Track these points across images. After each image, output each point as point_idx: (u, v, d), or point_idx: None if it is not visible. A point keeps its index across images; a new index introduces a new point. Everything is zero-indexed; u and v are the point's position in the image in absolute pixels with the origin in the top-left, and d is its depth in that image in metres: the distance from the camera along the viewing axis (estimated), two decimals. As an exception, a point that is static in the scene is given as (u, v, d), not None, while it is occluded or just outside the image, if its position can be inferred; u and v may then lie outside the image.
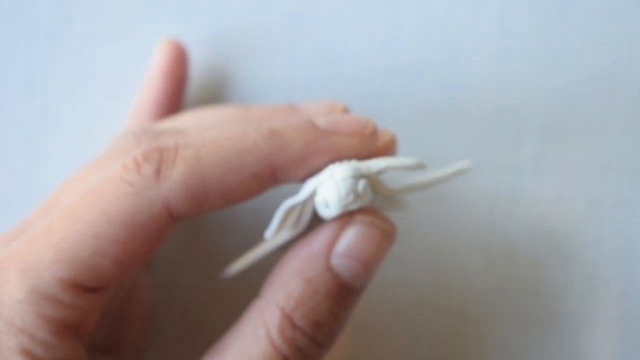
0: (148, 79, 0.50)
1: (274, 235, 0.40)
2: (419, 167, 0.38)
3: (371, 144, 0.39)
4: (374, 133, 0.39)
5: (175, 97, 0.50)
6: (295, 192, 0.40)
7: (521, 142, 0.51)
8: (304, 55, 0.52)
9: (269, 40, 0.52)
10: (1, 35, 0.52)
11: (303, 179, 0.39)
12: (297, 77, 0.52)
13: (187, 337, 0.50)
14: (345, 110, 0.44)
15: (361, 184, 0.37)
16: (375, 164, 0.38)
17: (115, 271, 0.36)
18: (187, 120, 0.44)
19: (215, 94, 0.52)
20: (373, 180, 0.38)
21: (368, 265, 0.38)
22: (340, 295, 0.39)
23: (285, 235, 0.41)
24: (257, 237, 0.43)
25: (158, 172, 0.36)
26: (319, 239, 0.39)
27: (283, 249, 0.42)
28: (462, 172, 0.42)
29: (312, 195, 0.38)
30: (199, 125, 0.42)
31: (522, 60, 0.51)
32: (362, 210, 0.38)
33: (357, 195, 0.37)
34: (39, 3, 0.52)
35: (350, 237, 0.38)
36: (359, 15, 0.52)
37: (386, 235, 0.37)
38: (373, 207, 0.41)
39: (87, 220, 0.36)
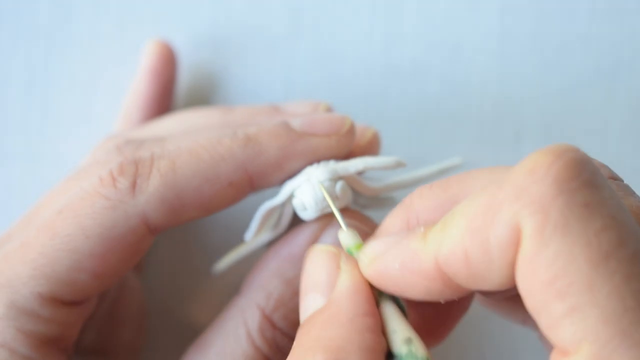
0: (136, 80, 0.50)
1: (253, 237, 0.40)
2: (399, 165, 0.38)
3: (349, 143, 0.38)
4: (351, 131, 0.38)
5: (163, 97, 0.50)
6: (276, 194, 0.40)
7: (521, 142, 0.51)
8: (303, 56, 0.52)
9: (268, 40, 0.52)
10: (1, 35, 0.52)
11: (282, 182, 0.39)
12: (296, 77, 0.52)
13: (182, 338, 0.50)
14: (329, 110, 0.43)
15: (338, 186, 0.37)
16: (353, 165, 0.37)
17: (95, 284, 0.36)
18: (170, 125, 0.44)
19: (214, 95, 0.52)
20: (353, 181, 0.38)
21: None
22: None
23: (266, 237, 0.41)
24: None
25: (134, 185, 0.36)
26: (299, 240, 0.39)
27: (267, 246, 0.42)
28: (450, 170, 0.42)
29: (290, 198, 0.38)
30: (181, 130, 0.42)
31: (522, 60, 0.51)
32: (342, 211, 0.38)
33: (335, 197, 0.37)
34: (39, 3, 0.52)
35: (330, 239, 0.38)
36: (359, 16, 0.52)
37: (366, 238, 0.37)
38: (358, 204, 0.41)
39: (64, 235, 0.36)
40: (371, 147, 0.41)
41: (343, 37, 0.52)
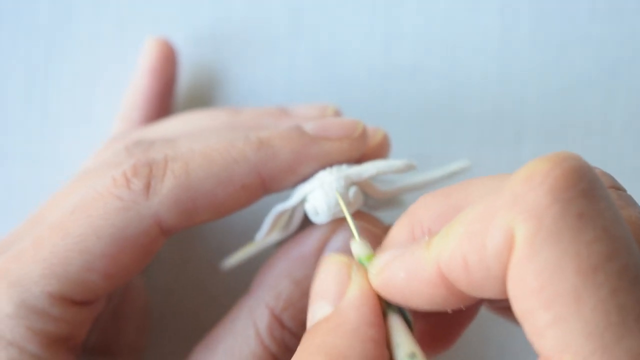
0: (135, 78, 0.50)
1: (264, 237, 0.40)
2: (410, 168, 0.38)
3: (361, 147, 0.39)
4: (363, 135, 0.39)
5: (163, 96, 0.50)
6: (287, 195, 0.40)
7: (521, 142, 0.51)
8: (304, 56, 0.52)
9: (269, 39, 0.52)
10: (1, 35, 0.52)
11: (295, 185, 0.39)
12: (296, 77, 0.52)
13: (186, 338, 0.50)
14: (337, 113, 0.43)
15: (351, 191, 0.37)
16: (365, 170, 0.37)
17: (105, 285, 0.36)
18: (177, 126, 0.44)
19: (213, 94, 0.52)
20: (365, 184, 0.38)
21: None
22: None
23: (276, 237, 0.41)
24: (252, 239, 0.43)
25: (147, 187, 0.36)
26: (310, 241, 0.39)
27: (276, 246, 0.42)
28: (460, 172, 0.42)
29: (302, 202, 0.38)
30: (188, 132, 0.42)
31: (522, 60, 0.51)
32: (353, 214, 0.38)
33: (348, 203, 0.37)
34: (39, 3, 0.52)
35: (340, 241, 0.38)
36: (359, 16, 0.52)
37: (376, 240, 0.37)
38: (367, 206, 0.41)
39: (76, 235, 0.36)
40: (382, 149, 0.41)
41: (343, 37, 0.52)
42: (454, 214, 0.31)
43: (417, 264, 0.30)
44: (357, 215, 0.38)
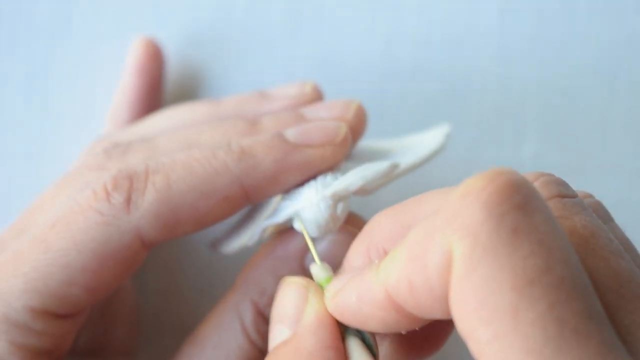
0: (123, 78, 0.50)
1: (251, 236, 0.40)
2: (395, 168, 0.37)
3: (344, 152, 0.38)
4: (345, 140, 0.38)
5: (151, 95, 0.50)
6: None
7: (521, 142, 0.51)
8: (303, 55, 0.52)
9: (266, 40, 0.52)
10: (1, 35, 0.52)
11: (277, 194, 0.39)
12: (295, 78, 0.52)
13: (178, 338, 0.50)
14: (314, 89, 0.43)
15: (340, 207, 0.37)
16: (351, 183, 0.37)
17: (87, 298, 0.36)
18: (157, 123, 0.44)
19: (214, 96, 0.52)
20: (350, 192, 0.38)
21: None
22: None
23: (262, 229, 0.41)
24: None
25: (128, 201, 0.36)
26: (295, 241, 0.39)
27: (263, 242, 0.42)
28: (439, 149, 0.42)
29: (290, 219, 0.38)
30: (167, 128, 0.42)
31: (522, 60, 0.51)
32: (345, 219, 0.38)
33: (337, 218, 0.37)
34: (39, 3, 0.52)
35: (326, 243, 0.38)
36: (359, 16, 0.52)
37: None
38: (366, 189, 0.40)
39: (57, 249, 0.36)
40: (358, 122, 0.40)
41: (343, 37, 0.52)
42: (406, 233, 0.31)
43: (367, 288, 0.30)
44: (348, 219, 0.38)
